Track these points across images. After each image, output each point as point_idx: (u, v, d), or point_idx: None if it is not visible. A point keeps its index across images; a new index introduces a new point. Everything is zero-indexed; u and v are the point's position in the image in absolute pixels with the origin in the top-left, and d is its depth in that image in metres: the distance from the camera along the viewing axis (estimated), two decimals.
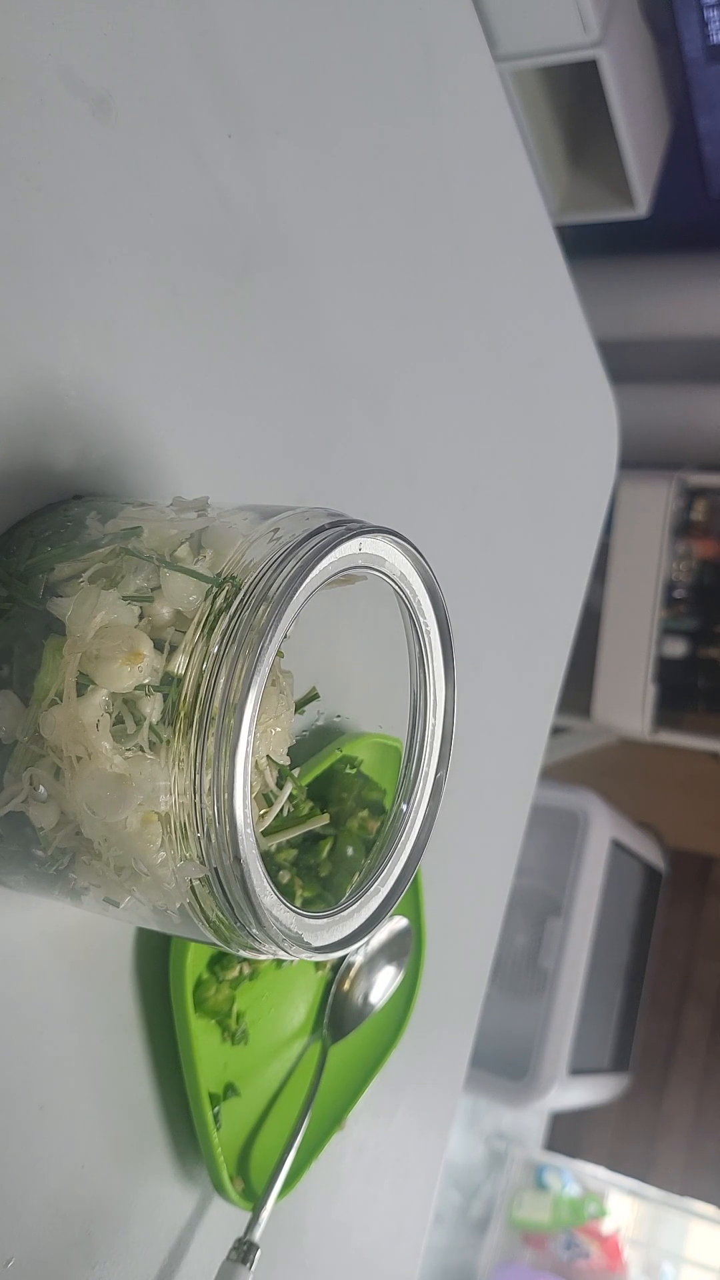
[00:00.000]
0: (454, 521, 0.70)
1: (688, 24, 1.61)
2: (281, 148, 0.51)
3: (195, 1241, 0.48)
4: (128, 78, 0.42)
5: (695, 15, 1.61)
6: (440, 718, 0.39)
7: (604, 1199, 2.43)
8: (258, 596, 0.30)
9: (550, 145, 1.81)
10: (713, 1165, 2.54)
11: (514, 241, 0.76)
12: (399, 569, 0.36)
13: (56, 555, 0.33)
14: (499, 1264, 2.32)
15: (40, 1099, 0.39)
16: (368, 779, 0.49)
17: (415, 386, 0.64)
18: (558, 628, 0.86)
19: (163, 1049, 0.45)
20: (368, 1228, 0.62)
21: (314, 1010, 0.55)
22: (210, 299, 0.47)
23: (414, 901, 0.61)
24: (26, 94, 0.37)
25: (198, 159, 0.46)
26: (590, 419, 0.92)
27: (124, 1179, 0.44)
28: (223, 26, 0.47)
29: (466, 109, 0.69)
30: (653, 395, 2.09)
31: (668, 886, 2.44)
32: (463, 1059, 0.74)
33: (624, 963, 2.27)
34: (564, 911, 1.95)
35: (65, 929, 0.40)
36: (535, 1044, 1.90)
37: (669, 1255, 2.45)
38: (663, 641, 2.06)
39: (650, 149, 1.77)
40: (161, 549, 0.32)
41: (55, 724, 0.30)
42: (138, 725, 0.30)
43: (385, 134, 0.60)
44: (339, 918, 0.36)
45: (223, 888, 0.30)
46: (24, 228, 0.37)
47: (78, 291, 0.39)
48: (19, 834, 0.32)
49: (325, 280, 0.55)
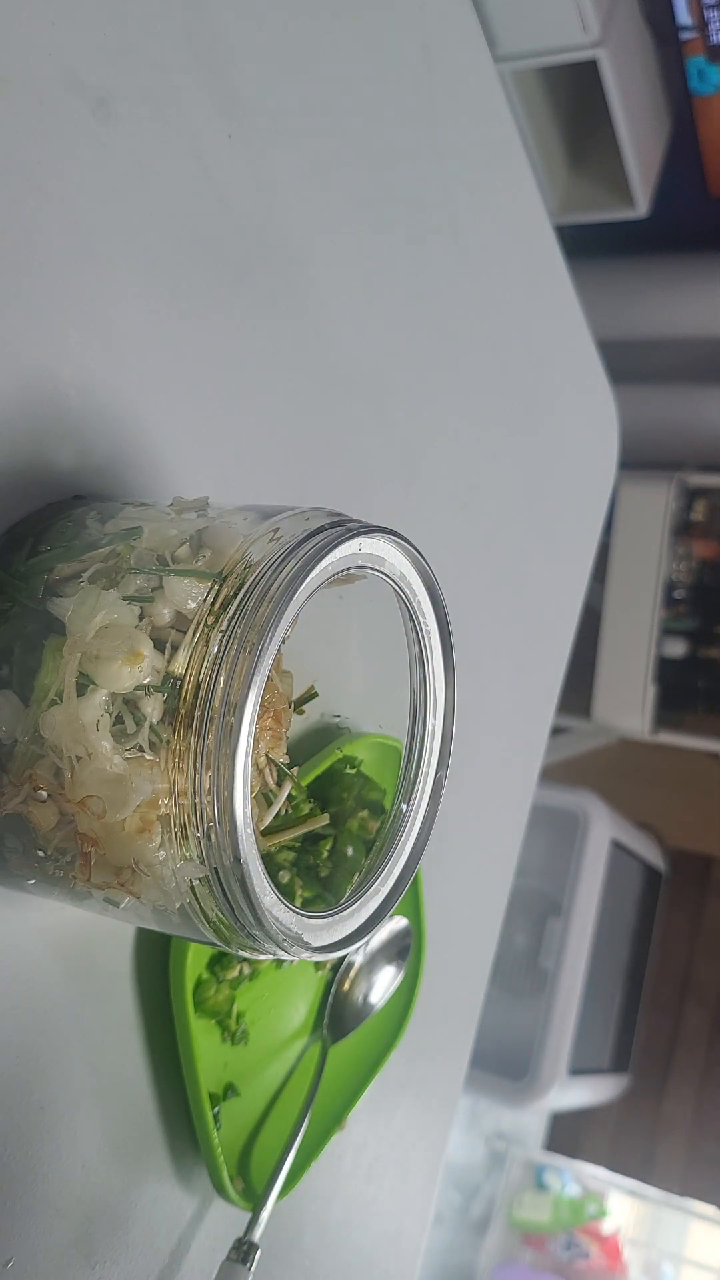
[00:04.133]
0: (454, 521, 0.70)
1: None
2: (281, 148, 0.51)
3: (195, 1241, 0.48)
4: (128, 78, 0.42)
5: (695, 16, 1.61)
6: (440, 718, 0.39)
7: (604, 1199, 2.43)
8: (258, 596, 0.30)
9: (550, 145, 1.81)
10: (713, 1165, 2.54)
11: (514, 241, 0.76)
12: (399, 569, 0.36)
13: (56, 555, 0.33)
14: (499, 1264, 2.31)
15: (40, 1099, 0.39)
16: (368, 779, 0.49)
17: (415, 386, 0.64)
18: (558, 628, 0.86)
19: (163, 1049, 0.45)
20: (368, 1228, 0.62)
21: (314, 1010, 0.54)
22: (210, 299, 0.47)
23: (414, 901, 0.61)
24: (26, 94, 0.37)
25: (198, 159, 0.46)
26: (590, 419, 0.92)
27: (124, 1179, 0.44)
28: (223, 26, 0.47)
29: (466, 109, 0.69)
30: (653, 395, 2.09)
31: (668, 886, 2.44)
32: (463, 1059, 0.74)
33: (624, 963, 2.27)
34: (564, 911, 1.95)
35: (65, 929, 0.40)
36: (535, 1044, 1.90)
37: (669, 1255, 2.44)
38: (663, 641, 2.06)
39: (650, 149, 1.77)
40: (162, 549, 0.32)
41: (55, 724, 0.30)
42: (138, 725, 0.30)
43: (385, 134, 0.60)
44: (339, 918, 0.36)
45: (223, 888, 0.30)
46: (24, 228, 0.37)
47: (78, 291, 0.39)
48: (19, 834, 0.32)
49: (325, 280, 0.55)
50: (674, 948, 2.63)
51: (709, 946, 2.67)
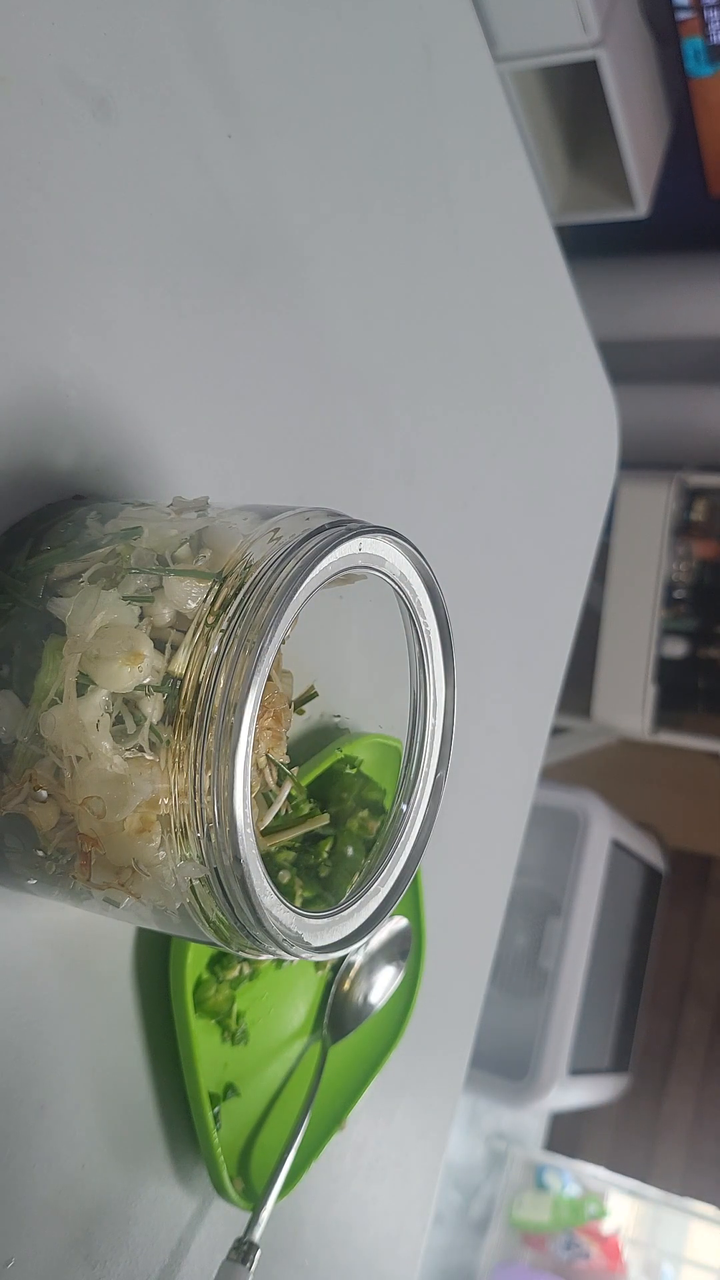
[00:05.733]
0: (454, 521, 0.70)
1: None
2: (281, 148, 0.51)
3: (195, 1241, 0.48)
4: (128, 78, 0.42)
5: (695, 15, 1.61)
6: (440, 718, 0.39)
7: (604, 1199, 2.43)
8: (258, 596, 0.30)
9: (550, 145, 1.81)
10: (713, 1165, 2.54)
11: (514, 242, 0.76)
12: (399, 569, 0.36)
13: (56, 555, 0.33)
14: (499, 1264, 2.31)
15: (40, 1099, 0.39)
16: (368, 779, 0.49)
17: (415, 386, 0.64)
18: (558, 628, 0.86)
19: (163, 1049, 0.45)
20: (368, 1228, 0.62)
21: (314, 1010, 0.54)
22: (210, 299, 0.47)
23: (414, 901, 0.61)
24: (27, 94, 0.37)
25: (198, 159, 0.46)
26: (590, 419, 0.92)
27: (124, 1179, 0.44)
28: (223, 26, 0.47)
29: (466, 109, 0.69)
30: (653, 395, 2.09)
31: (667, 886, 2.44)
32: (463, 1059, 0.74)
33: (624, 963, 2.27)
34: (564, 911, 1.95)
35: (65, 929, 0.40)
36: (535, 1044, 1.90)
37: (669, 1255, 2.44)
38: (663, 641, 2.06)
39: (650, 149, 1.77)
40: (162, 549, 0.32)
41: (55, 724, 0.30)
42: (138, 725, 0.30)
43: (385, 134, 0.60)
44: (339, 918, 0.36)
45: (223, 888, 0.30)
46: (24, 228, 0.37)
47: (78, 291, 0.39)
48: (19, 834, 0.32)
49: (325, 280, 0.55)
50: (674, 948, 2.63)
51: (709, 946, 2.67)
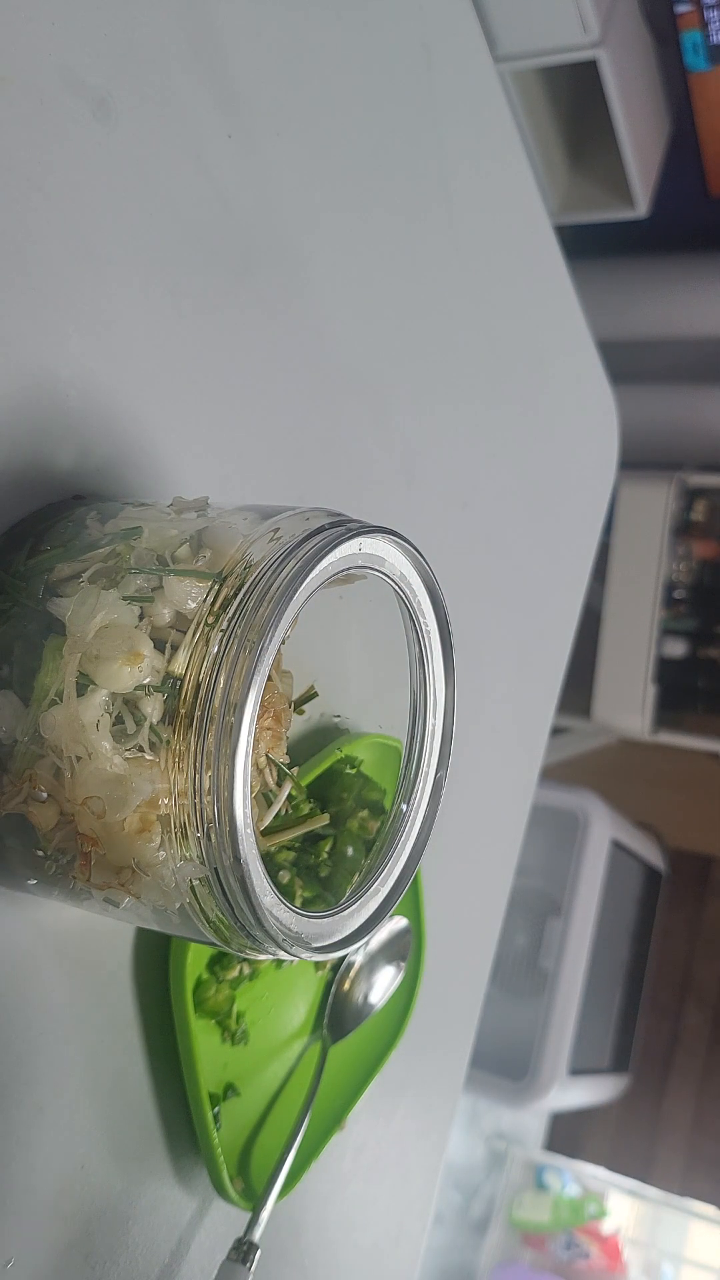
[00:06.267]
0: (454, 521, 0.70)
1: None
2: (281, 148, 0.51)
3: (195, 1241, 0.48)
4: (128, 78, 0.42)
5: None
6: (440, 718, 0.39)
7: (604, 1199, 2.43)
8: (258, 596, 0.30)
9: (550, 145, 1.81)
10: (713, 1165, 2.54)
11: (514, 242, 0.76)
12: (399, 569, 0.36)
13: (56, 555, 0.33)
14: (499, 1264, 2.31)
15: (40, 1099, 0.39)
16: (368, 779, 0.49)
17: (415, 386, 0.64)
18: (558, 628, 0.86)
19: (163, 1049, 0.45)
20: (368, 1228, 0.62)
21: (314, 1010, 0.54)
22: (210, 299, 0.47)
23: (414, 901, 0.61)
24: (27, 94, 0.37)
25: (198, 159, 0.46)
26: (590, 419, 0.92)
27: (124, 1179, 0.44)
28: (223, 26, 0.47)
29: (466, 109, 0.69)
30: (653, 395, 2.09)
31: (667, 886, 2.44)
32: (463, 1059, 0.74)
33: (624, 963, 2.27)
34: (564, 911, 1.95)
35: (65, 929, 0.40)
36: (535, 1044, 1.90)
37: (669, 1255, 2.44)
38: (663, 642, 2.06)
39: (650, 149, 1.77)
40: (162, 549, 0.32)
41: (55, 724, 0.30)
42: (138, 725, 0.30)
43: (385, 134, 0.60)
44: (339, 918, 0.36)
45: (223, 888, 0.30)
46: (24, 228, 0.37)
47: (78, 292, 0.39)
48: (19, 834, 0.32)
49: (325, 280, 0.55)
50: (674, 948, 2.63)
51: (709, 946, 2.67)
